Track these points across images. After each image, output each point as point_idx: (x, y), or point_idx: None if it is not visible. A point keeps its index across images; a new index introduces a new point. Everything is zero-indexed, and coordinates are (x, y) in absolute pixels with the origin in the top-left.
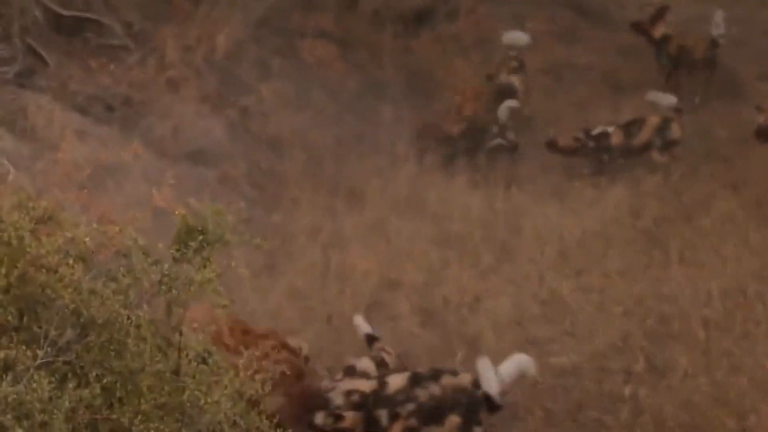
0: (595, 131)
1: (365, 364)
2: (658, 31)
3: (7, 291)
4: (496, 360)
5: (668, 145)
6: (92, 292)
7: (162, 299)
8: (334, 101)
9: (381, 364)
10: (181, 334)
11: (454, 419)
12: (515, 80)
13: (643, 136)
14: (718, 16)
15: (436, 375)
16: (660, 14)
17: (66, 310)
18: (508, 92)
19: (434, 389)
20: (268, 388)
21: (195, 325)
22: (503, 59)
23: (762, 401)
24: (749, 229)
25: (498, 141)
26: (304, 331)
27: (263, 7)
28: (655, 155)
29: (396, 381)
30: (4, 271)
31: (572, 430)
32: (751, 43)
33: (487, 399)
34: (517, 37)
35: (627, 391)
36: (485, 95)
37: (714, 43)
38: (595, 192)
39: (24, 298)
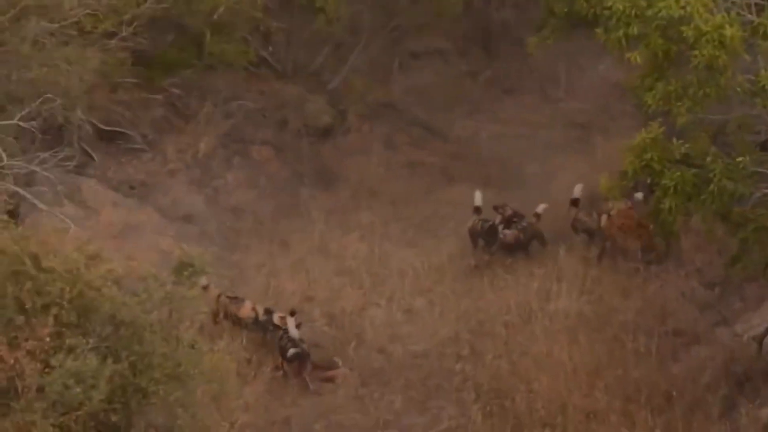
0: None
1: None
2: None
3: (70, 302)
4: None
5: None
6: (123, 303)
7: (166, 308)
8: (272, 185)
9: None
10: (177, 329)
11: None
12: None
13: None
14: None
15: None
16: None
17: (106, 314)
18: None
19: None
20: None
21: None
22: None
23: (542, 373)
24: (533, 265)
25: None
26: None
27: (228, 125)
28: None
29: None
30: (68, 289)
31: (423, 391)
32: None
33: None
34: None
35: (458, 367)
36: None
37: None
38: (436, 241)
39: (81, 307)
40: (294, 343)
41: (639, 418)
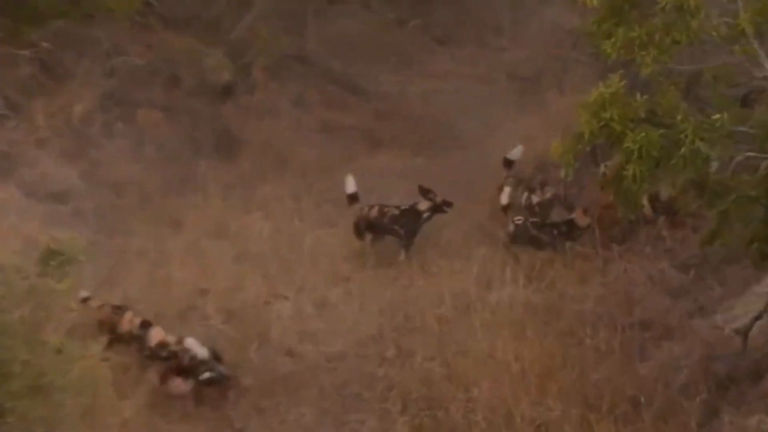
0: None
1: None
2: None
3: None
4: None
5: None
6: None
7: (29, 305)
8: (161, 155)
9: None
10: (43, 331)
11: None
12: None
13: None
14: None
15: None
16: None
17: None
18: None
19: None
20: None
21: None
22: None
23: (483, 377)
24: (471, 246)
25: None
26: None
27: (109, 85)
28: None
29: None
30: None
31: (339, 402)
32: None
33: None
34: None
35: (381, 371)
36: None
37: None
38: None
39: None
40: (207, 364)
41: (600, 430)
